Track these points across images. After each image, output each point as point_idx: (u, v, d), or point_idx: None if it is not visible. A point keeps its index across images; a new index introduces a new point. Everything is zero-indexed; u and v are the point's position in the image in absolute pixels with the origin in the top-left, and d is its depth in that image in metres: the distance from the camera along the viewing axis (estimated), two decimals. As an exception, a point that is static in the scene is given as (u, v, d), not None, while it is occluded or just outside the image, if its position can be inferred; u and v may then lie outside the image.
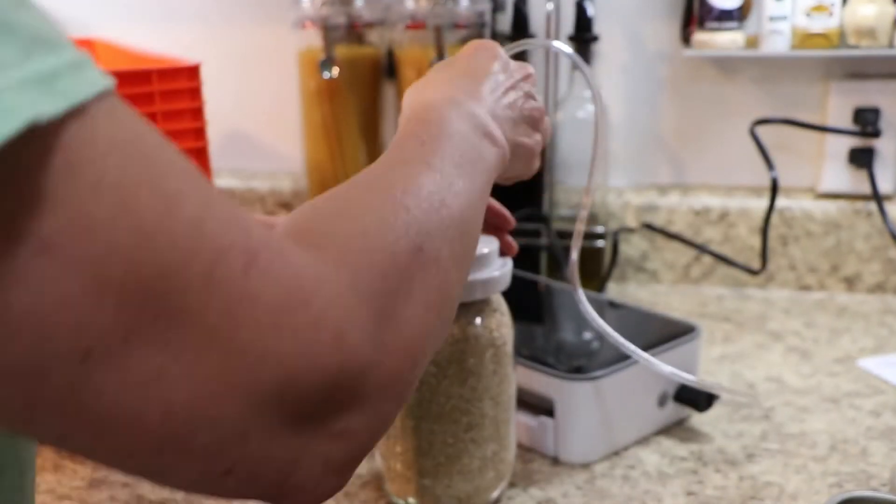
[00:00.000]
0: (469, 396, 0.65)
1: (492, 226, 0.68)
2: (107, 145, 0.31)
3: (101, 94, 0.32)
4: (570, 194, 1.13)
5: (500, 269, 0.65)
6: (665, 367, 0.75)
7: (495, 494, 0.69)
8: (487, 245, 0.65)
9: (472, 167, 0.52)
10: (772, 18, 1.04)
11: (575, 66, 0.86)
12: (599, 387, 0.74)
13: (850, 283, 1.12)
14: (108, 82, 0.32)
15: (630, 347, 0.73)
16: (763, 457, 0.76)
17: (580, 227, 0.73)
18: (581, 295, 0.73)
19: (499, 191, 1.12)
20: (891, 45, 1.03)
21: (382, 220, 0.43)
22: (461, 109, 0.54)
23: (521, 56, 0.68)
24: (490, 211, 0.67)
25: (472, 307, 0.65)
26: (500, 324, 0.66)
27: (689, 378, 0.76)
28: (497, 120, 0.57)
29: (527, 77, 0.62)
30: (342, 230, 0.42)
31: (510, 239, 0.69)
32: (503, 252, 0.68)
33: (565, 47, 0.71)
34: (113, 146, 0.32)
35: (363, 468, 0.75)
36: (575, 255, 0.73)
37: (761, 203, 1.11)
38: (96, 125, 0.31)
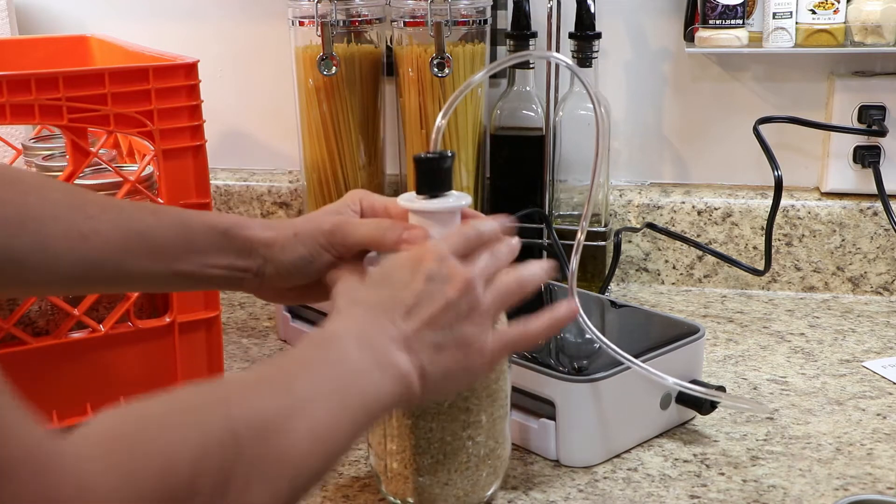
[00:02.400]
0: (466, 394, 0.65)
1: None
2: None
3: None
4: (570, 194, 1.12)
5: None
6: (667, 378, 0.75)
7: (490, 492, 0.68)
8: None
9: (349, 399, 0.51)
10: (776, 15, 1.03)
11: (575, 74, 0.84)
12: (601, 388, 0.74)
13: (856, 283, 1.11)
14: None
15: (636, 362, 0.73)
16: (767, 459, 0.75)
17: (580, 238, 0.72)
18: (579, 308, 0.72)
19: (499, 190, 1.12)
20: (896, 43, 1.02)
21: (198, 448, 0.43)
22: (363, 339, 0.54)
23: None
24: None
25: None
26: (496, 321, 0.65)
27: (693, 387, 0.75)
28: (412, 349, 0.56)
29: (466, 291, 0.58)
30: (143, 443, 0.42)
31: None
32: None
33: (563, 58, 0.70)
34: None
35: (362, 470, 0.74)
36: (574, 265, 0.72)
37: (765, 202, 1.10)
38: None
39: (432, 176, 0.64)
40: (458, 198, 0.65)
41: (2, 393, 0.36)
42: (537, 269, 0.63)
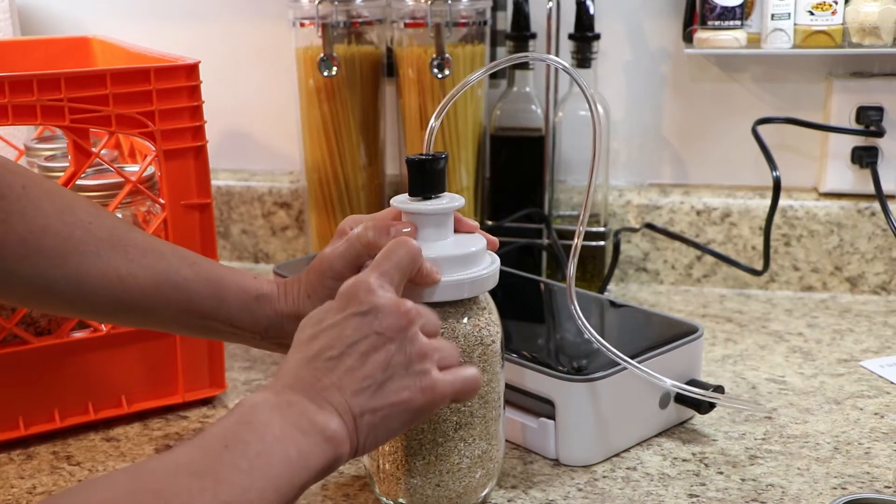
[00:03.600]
0: None
1: None
2: None
3: None
4: (569, 194, 1.12)
5: (487, 268, 0.65)
6: (665, 380, 0.75)
7: (484, 493, 0.68)
8: (475, 244, 0.65)
9: (272, 472, 0.50)
10: (774, 16, 1.04)
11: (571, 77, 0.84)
12: (600, 388, 0.74)
13: (854, 283, 1.11)
14: None
15: (633, 363, 0.73)
16: (766, 458, 0.76)
17: (578, 243, 0.72)
18: (577, 310, 0.72)
19: (499, 190, 1.12)
20: (894, 43, 1.02)
21: None
22: (282, 405, 0.53)
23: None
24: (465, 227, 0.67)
25: (459, 306, 0.64)
26: (489, 322, 0.66)
27: (692, 390, 0.75)
28: (336, 402, 0.54)
29: (406, 325, 0.56)
30: None
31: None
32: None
33: (560, 61, 0.70)
34: None
35: (362, 470, 0.75)
36: (572, 271, 0.73)
37: (764, 203, 1.10)
38: None
39: (425, 177, 0.65)
40: (451, 199, 0.65)
41: None
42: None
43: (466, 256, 0.64)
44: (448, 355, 0.59)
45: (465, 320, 0.65)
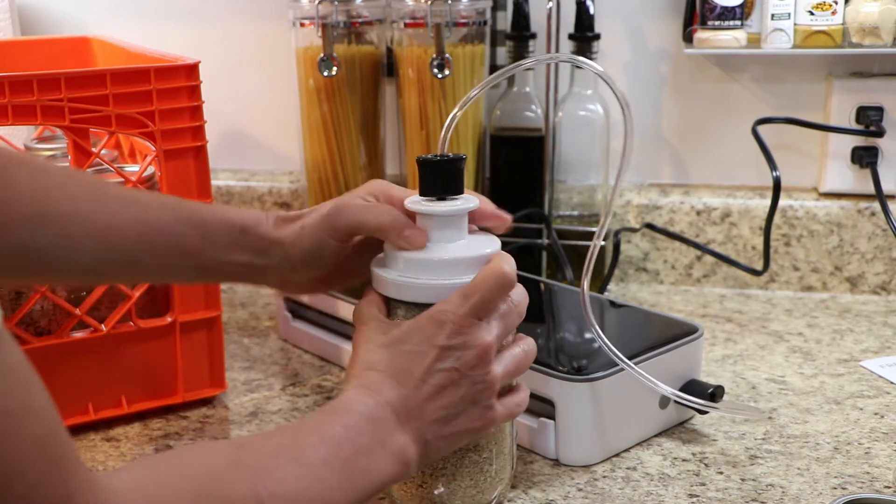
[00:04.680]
0: None
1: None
2: None
3: None
4: (569, 194, 1.12)
5: None
6: (666, 388, 0.75)
7: (494, 495, 0.68)
8: (488, 245, 0.65)
9: (358, 478, 0.55)
10: (774, 16, 1.04)
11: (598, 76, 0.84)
12: (600, 388, 0.74)
13: (854, 283, 1.11)
14: None
15: (639, 371, 0.73)
16: (766, 458, 0.76)
17: (597, 243, 0.72)
18: (590, 313, 0.72)
19: (499, 190, 1.12)
20: (894, 43, 1.02)
21: None
22: (370, 416, 0.57)
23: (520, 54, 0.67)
24: (488, 218, 0.67)
25: None
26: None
27: (691, 399, 0.75)
28: (417, 427, 0.59)
29: (480, 364, 0.60)
30: None
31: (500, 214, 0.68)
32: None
33: (593, 64, 0.70)
34: None
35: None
36: (586, 286, 0.72)
37: (764, 203, 1.10)
38: None
39: (441, 178, 0.64)
40: (466, 201, 0.65)
41: (63, 430, 0.40)
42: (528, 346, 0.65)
43: (480, 258, 0.63)
44: (508, 378, 0.63)
45: None
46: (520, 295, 0.64)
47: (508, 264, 0.62)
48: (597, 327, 0.72)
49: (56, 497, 0.38)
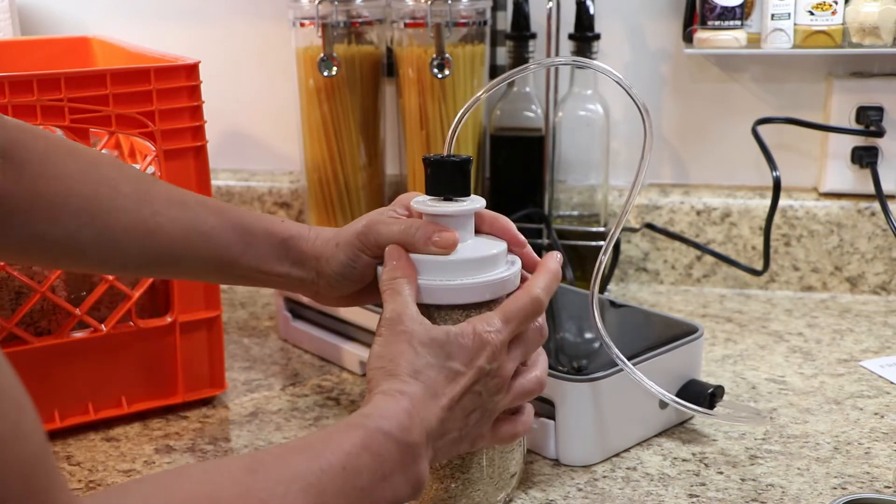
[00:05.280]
0: None
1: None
2: None
3: None
4: (569, 194, 1.12)
5: (508, 271, 0.65)
6: (666, 394, 0.75)
7: (501, 496, 0.68)
8: (496, 246, 0.65)
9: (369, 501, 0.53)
10: (774, 16, 1.04)
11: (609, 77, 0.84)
12: (600, 388, 0.74)
13: (854, 283, 1.11)
14: None
15: (644, 379, 0.73)
16: (766, 458, 0.76)
17: (603, 259, 0.72)
18: (598, 320, 0.72)
19: (498, 190, 1.12)
20: (894, 43, 1.02)
21: None
22: (403, 440, 0.55)
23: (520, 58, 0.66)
24: (504, 234, 0.67)
25: (481, 308, 0.64)
26: None
27: (690, 406, 0.75)
28: (436, 447, 0.58)
29: (503, 389, 0.61)
30: None
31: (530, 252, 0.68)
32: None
33: (611, 70, 0.69)
34: None
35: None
36: (597, 292, 0.72)
37: (764, 203, 1.10)
38: None
39: (455, 179, 0.64)
40: (473, 201, 0.65)
41: (50, 457, 0.38)
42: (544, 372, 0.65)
43: (487, 259, 0.63)
44: (510, 405, 0.63)
45: None
46: (542, 323, 0.64)
47: (545, 287, 0.63)
48: (606, 335, 0.72)
49: None
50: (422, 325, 0.60)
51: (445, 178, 0.64)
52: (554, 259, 0.65)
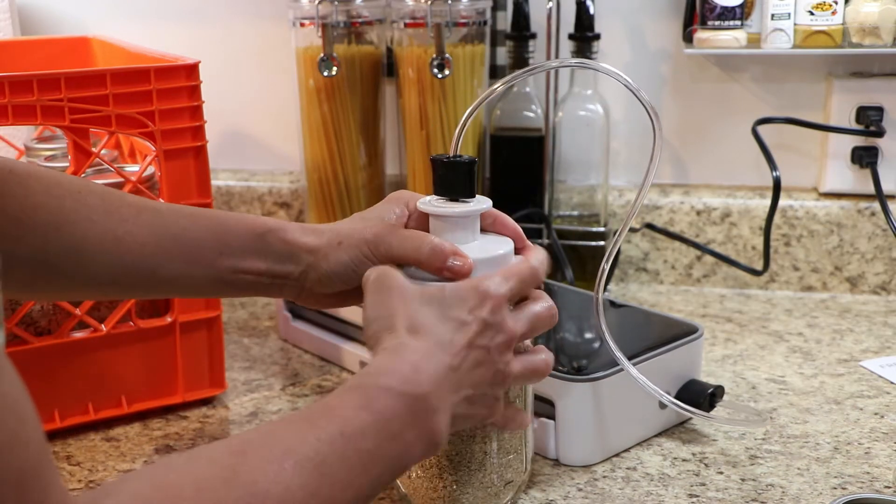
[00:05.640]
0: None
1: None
2: None
3: None
4: (569, 194, 1.12)
5: None
6: (666, 396, 0.75)
7: (509, 497, 0.68)
8: (502, 246, 0.65)
9: (381, 470, 0.51)
10: (774, 16, 1.04)
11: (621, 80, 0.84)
12: (600, 388, 0.74)
13: (854, 283, 1.11)
14: None
15: (645, 381, 0.73)
16: (766, 458, 0.76)
17: (605, 266, 0.72)
18: (601, 314, 0.72)
19: (498, 190, 1.12)
20: (894, 43, 1.02)
21: None
22: (410, 394, 0.52)
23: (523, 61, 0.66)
24: (509, 232, 0.66)
25: None
26: None
27: (692, 409, 0.75)
28: (449, 406, 0.55)
29: (507, 351, 0.58)
30: None
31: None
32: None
33: (618, 72, 0.69)
34: None
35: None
36: (600, 293, 0.72)
37: (764, 203, 1.10)
38: None
39: (462, 179, 0.64)
40: (479, 202, 0.65)
41: (50, 466, 0.38)
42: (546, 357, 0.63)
43: (493, 259, 0.63)
44: (520, 380, 0.62)
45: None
46: (551, 304, 0.63)
47: (540, 259, 0.62)
48: (610, 339, 0.72)
49: None
50: (412, 283, 0.59)
51: (454, 178, 0.64)
52: (541, 249, 0.65)
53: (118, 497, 0.42)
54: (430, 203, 0.64)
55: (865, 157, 1.09)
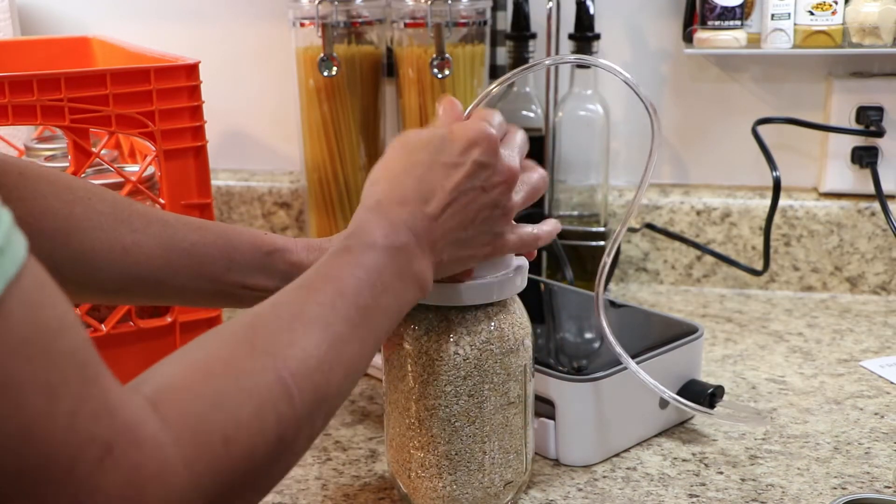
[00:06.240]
0: (483, 400, 0.65)
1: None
2: (12, 345, 0.34)
3: (14, 280, 0.35)
4: (570, 194, 1.12)
5: (515, 272, 0.65)
6: (668, 392, 0.75)
7: (509, 497, 0.68)
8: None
9: (375, 321, 0.53)
10: (774, 16, 1.04)
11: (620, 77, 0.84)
12: (600, 388, 0.74)
13: (854, 283, 1.11)
14: (21, 257, 0.35)
15: (649, 379, 0.73)
16: (766, 458, 0.76)
17: (606, 261, 0.72)
18: (602, 310, 0.72)
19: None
20: (894, 43, 1.02)
21: (256, 413, 0.45)
22: (392, 242, 0.55)
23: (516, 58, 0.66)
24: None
25: (488, 308, 0.64)
26: (516, 325, 0.66)
27: (692, 405, 0.75)
28: (436, 248, 0.57)
29: (507, 190, 0.60)
30: (210, 418, 0.43)
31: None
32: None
33: (618, 69, 0.69)
34: (18, 346, 0.35)
35: (362, 469, 0.75)
36: (601, 289, 0.72)
37: (764, 203, 1.10)
38: (9, 323, 0.34)
39: None
40: None
41: (93, 348, 0.39)
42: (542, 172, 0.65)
43: (496, 260, 0.64)
44: (523, 206, 0.63)
45: (493, 324, 0.64)
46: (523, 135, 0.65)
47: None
48: (612, 337, 0.72)
49: (98, 413, 0.38)
50: (417, 131, 0.61)
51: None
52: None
53: (154, 381, 0.44)
54: None
55: (865, 157, 1.09)
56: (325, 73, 1.05)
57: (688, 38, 1.08)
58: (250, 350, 0.47)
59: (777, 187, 1.04)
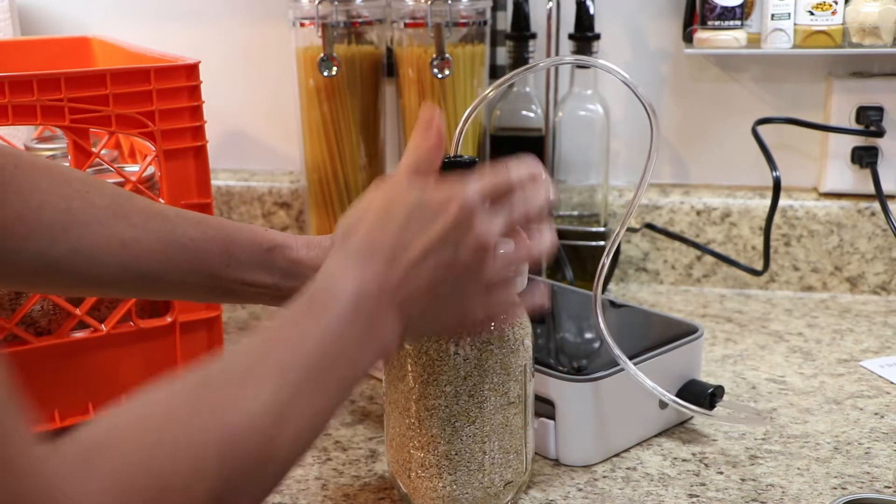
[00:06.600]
0: (483, 400, 0.65)
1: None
2: None
3: None
4: (569, 194, 1.12)
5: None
6: (667, 395, 0.75)
7: (509, 497, 0.68)
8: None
9: (334, 376, 0.51)
10: (774, 16, 1.04)
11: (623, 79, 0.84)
12: (600, 388, 0.74)
13: (854, 283, 1.11)
14: None
15: (646, 380, 0.73)
16: (766, 458, 0.76)
17: (612, 247, 0.72)
18: (599, 312, 0.72)
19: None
20: (894, 43, 1.02)
21: (190, 473, 0.43)
22: (360, 299, 0.52)
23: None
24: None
25: None
26: (516, 325, 0.66)
27: (692, 407, 0.75)
28: (405, 309, 0.54)
29: (483, 261, 0.56)
30: (138, 480, 0.41)
31: None
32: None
33: (617, 69, 0.69)
34: None
35: (362, 469, 0.75)
36: (599, 289, 0.72)
37: (764, 203, 1.10)
38: None
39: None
40: None
41: (15, 422, 0.37)
42: (547, 240, 0.60)
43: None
44: (502, 275, 0.58)
45: (493, 323, 0.64)
46: (533, 185, 0.59)
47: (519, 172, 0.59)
48: (608, 335, 0.72)
49: (2, 478, 0.35)
50: (399, 180, 0.58)
51: (456, 179, 0.64)
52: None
53: (91, 436, 0.43)
54: None
55: (865, 157, 1.09)
56: (325, 73, 1.05)
57: (688, 38, 1.08)
58: (195, 407, 0.45)
59: (777, 187, 1.04)
